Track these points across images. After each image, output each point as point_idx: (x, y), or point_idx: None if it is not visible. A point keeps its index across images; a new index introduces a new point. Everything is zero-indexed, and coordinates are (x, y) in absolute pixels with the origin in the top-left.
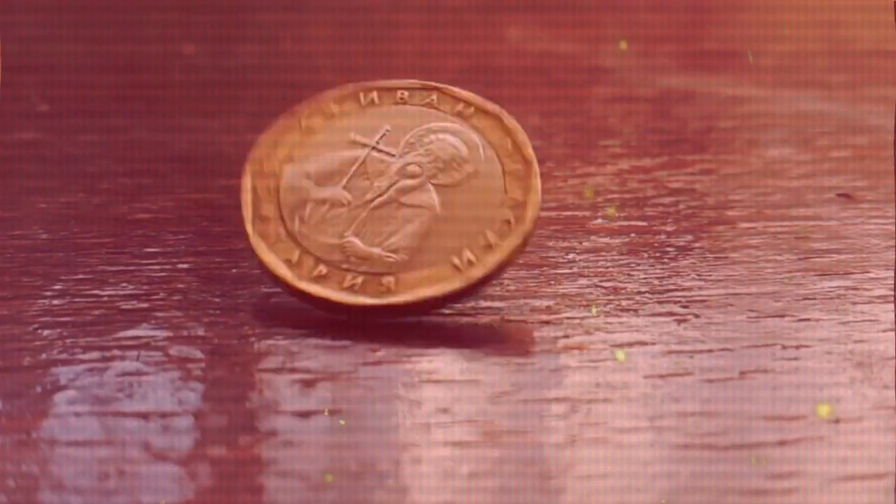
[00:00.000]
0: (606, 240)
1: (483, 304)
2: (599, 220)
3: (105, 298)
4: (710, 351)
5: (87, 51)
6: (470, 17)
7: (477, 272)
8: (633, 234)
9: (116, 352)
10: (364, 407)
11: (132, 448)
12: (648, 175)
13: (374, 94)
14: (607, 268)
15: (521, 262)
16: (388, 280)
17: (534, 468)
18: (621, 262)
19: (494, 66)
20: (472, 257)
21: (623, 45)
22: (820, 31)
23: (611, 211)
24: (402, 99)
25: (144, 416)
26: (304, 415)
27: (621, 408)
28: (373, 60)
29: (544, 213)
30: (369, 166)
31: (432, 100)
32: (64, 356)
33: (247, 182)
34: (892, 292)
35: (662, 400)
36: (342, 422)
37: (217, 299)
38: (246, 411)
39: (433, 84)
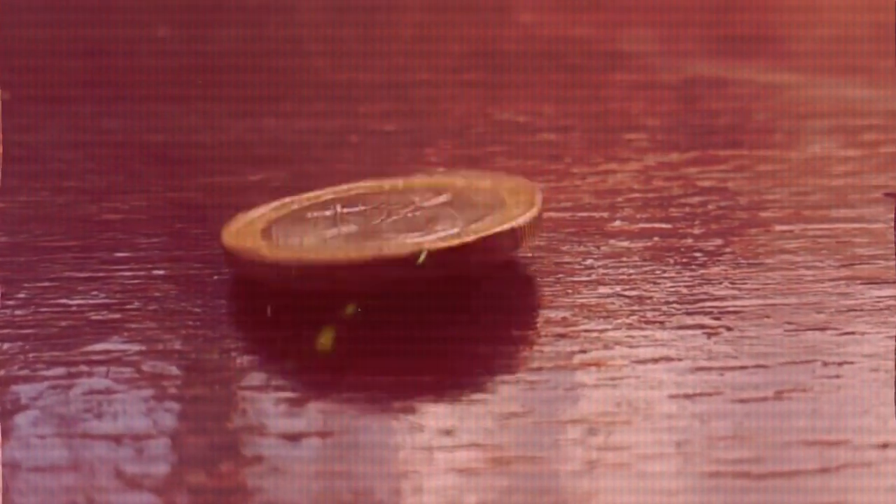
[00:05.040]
0: (628, 244)
1: (489, 314)
2: (619, 222)
3: (73, 308)
4: (743, 367)
5: (50, 33)
6: None
7: (526, 217)
8: (657, 238)
9: (84, 367)
10: (359, 428)
11: (102, 474)
12: (675, 172)
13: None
14: (630, 275)
15: (533, 268)
16: (455, 238)
17: (547, 498)
18: (645, 268)
19: (504, 50)
20: (516, 213)
21: None
22: (864, 11)
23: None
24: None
25: (115, 438)
26: (293, 438)
27: (644, 431)
28: (368, 45)
29: (558, 214)
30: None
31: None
32: (26, 372)
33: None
34: None
35: (690, 422)
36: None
37: (196, 309)
38: (228, 434)
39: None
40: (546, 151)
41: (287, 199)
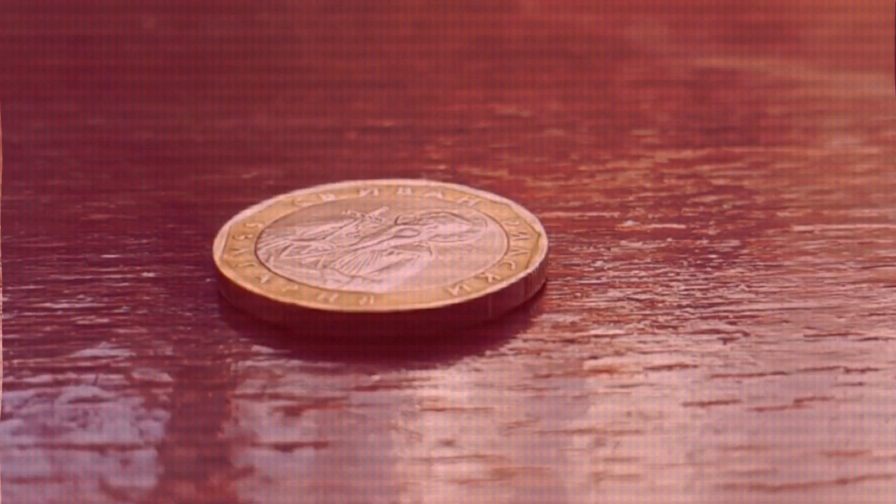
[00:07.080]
0: (639, 245)
1: (493, 318)
2: (630, 222)
3: (58, 312)
4: (760, 375)
5: (33, 29)
6: None
7: (465, 296)
8: (670, 239)
9: (71, 374)
10: (356, 438)
11: (86, 486)
12: (689, 170)
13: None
14: (641, 278)
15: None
16: (366, 299)
17: None
18: (657, 270)
19: (507, 45)
20: (466, 287)
21: None
22: (883, 11)
23: None
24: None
25: (101, 448)
26: (287, 448)
27: (656, 441)
28: (365, 42)
29: (565, 214)
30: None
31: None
32: (10, 379)
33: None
34: None
35: (704, 432)
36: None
37: (188, 314)
38: (219, 443)
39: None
40: (552, 148)
41: (360, 184)
